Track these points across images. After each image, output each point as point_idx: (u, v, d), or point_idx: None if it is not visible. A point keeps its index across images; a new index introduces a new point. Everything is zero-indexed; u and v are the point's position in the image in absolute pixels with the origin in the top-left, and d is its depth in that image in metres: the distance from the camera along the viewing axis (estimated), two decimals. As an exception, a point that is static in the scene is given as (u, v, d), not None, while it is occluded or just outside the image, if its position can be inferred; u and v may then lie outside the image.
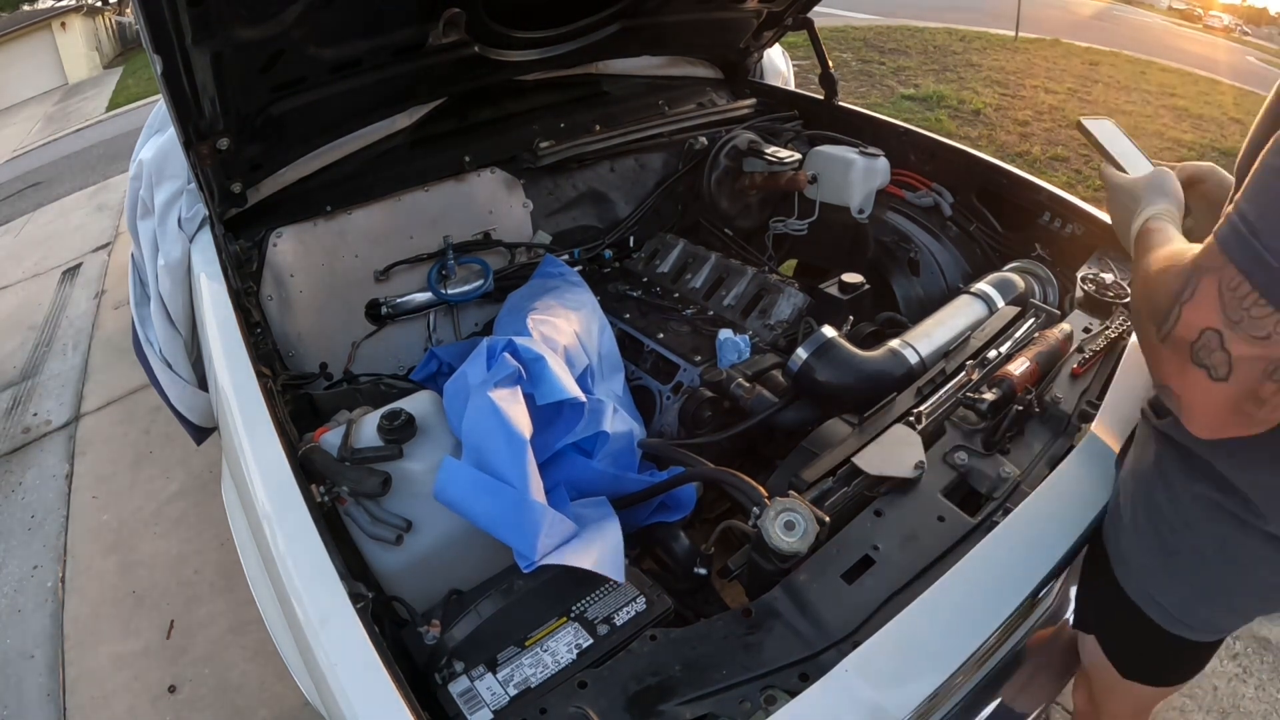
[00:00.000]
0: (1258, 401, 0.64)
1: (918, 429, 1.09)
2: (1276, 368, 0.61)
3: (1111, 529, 0.95)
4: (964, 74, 7.32)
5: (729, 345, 1.50)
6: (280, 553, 0.88)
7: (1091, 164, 5.07)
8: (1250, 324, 0.61)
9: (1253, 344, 0.61)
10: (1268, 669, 1.79)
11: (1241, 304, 0.61)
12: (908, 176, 2.00)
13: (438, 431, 1.19)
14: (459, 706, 0.82)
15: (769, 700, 0.78)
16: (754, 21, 2.13)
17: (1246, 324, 0.61)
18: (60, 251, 4.95)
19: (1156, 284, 0.72)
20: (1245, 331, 0.61)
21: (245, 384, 1.14)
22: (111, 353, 3.46)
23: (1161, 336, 0.69)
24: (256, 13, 1.22)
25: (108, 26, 22.74)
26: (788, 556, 0.92)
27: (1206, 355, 0.65)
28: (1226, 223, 0.62)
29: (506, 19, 1.65)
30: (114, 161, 7.09)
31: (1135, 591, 0.92)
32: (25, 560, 2.36)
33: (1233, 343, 0.62)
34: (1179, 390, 0.70)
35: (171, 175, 1.65)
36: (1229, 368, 0.63)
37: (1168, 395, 0.73)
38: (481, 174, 1.88)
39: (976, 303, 1.43)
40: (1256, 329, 0.61)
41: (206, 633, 2.01)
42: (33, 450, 2.92)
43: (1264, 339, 0.60)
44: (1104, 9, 19.88)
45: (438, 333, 1.82)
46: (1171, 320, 0.68)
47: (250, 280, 1.55)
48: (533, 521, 0.96)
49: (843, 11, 10.12)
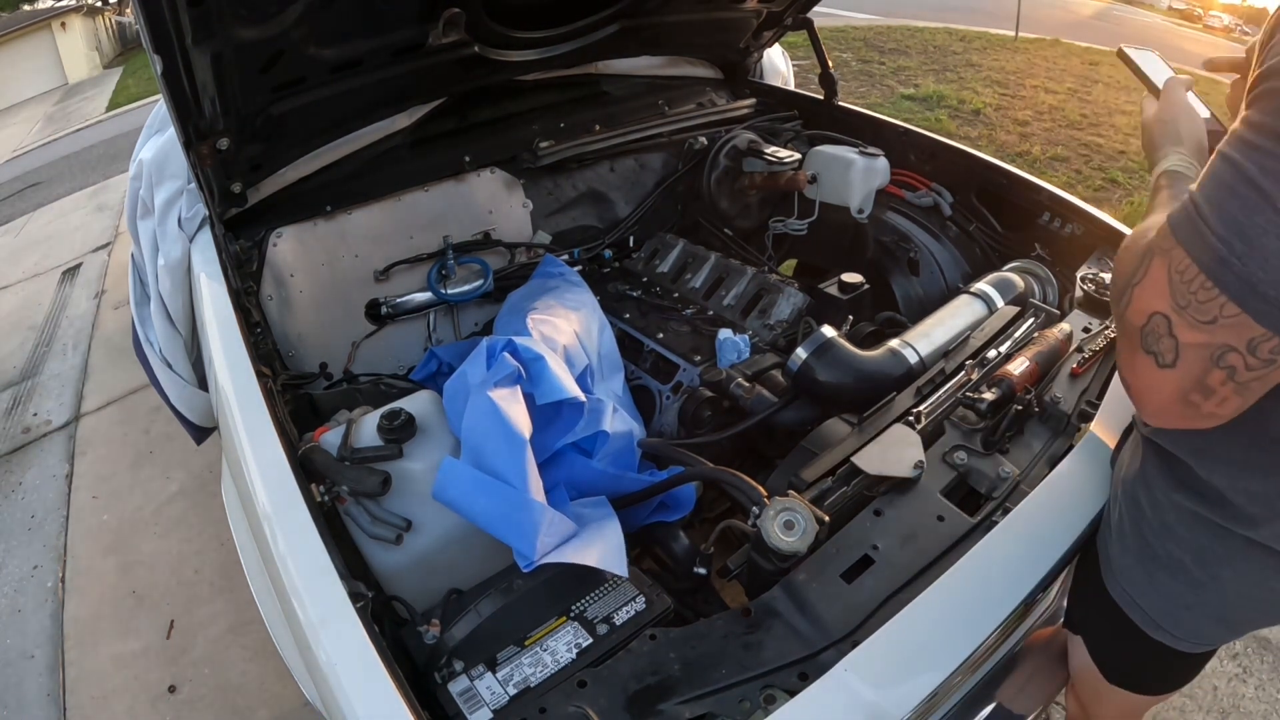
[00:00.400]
0: (1205, 391, 0.63)
1: (917, 429, 1.09)
2: (1222, 355, 0.60)
3: (1103, 529, 0.95)
4: (964, 74, 7.32)
5: (729, 345, 1.50)
6: (280, 552, 0.88)
7: (1092, 164, 5.07)
8: (1196, 308, 0.60)
9: (1198, 329, 0.60)
10: (1268, 669, 1.79)
11: (1189, 287, 0.60)
12: (908, 176, 2.00)
13: (438, 431, 1.19)
14: (459, 706, 0.82)
15: (768, 700, 0.78)
16: (754, 21, 2.13)
17: (1193, 308, 0.60)
18: (60, 251, 4.95)
19: (1121, 264, 0.70)
20: (1192, 316, 0.60)
21: (245, 384, 1.14)
22: (111, 353, 3.46)
23: (1117, 319, 0.68)
24: (256, 13, 1.22)
25: (108, 26, 22.76)
26: (787, 556, 0.92)
27: (1154, 341, 0.64)
28: (1180, 205, 0.61)
29: (506, 19, 1.65)
30: (114, 161, 7.10)
31: (1118, 593, 0.92)
32: (25, 560, 2.36)
33: (1179, 328, 0.61)
34: (1128, 377, 0.69)
35: (171, 175, 1.65)
36: (1175, 354, 0.62)
37: (1122, 382, 0.72)
38: (481, 174, 1.88)
39: (976, 302, 1.44)
40: (1202, 313, 0.59)
41: (206, 633, 2.01)
42: (33, 450, 2.92)
43: (1209, 324, 0.59)
44: (1104, 9, 19.88)
45: (438, 333, 1.82)
46: (1124, 303, 0.67)
47: (250, 280, 1.55)
48: (532, 521, 0.96)
49: (843, 11, 10.13)
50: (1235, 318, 0.58)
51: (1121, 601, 0.91)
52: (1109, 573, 0.93)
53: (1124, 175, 4.89)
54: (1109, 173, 4.92)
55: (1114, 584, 0.92)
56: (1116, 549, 0.91)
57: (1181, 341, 0.61)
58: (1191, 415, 0.65)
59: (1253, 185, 0.55)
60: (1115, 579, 0.92)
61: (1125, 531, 0.89)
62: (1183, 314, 0.61)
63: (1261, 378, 0.60)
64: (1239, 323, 0.58)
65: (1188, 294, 0.60)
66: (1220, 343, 0.60)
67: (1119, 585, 0.92)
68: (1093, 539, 0.96)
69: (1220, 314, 0.58)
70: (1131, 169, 4.99)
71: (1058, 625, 1.18)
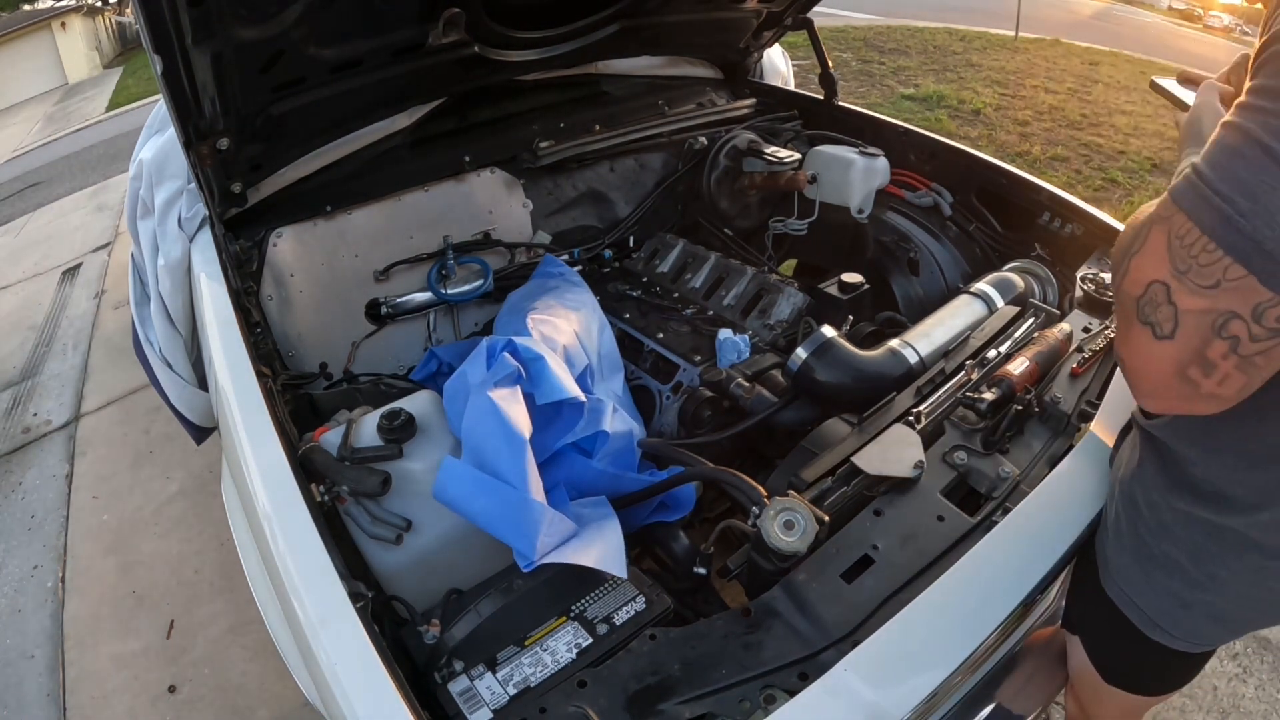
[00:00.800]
0: (1206, 366, 0.60)
1: (917, 429, 1.09)
2: (1225, 323, 0.57)
3: (1100, 528, 0.95)
4: (964, 74, 7.32)
5: (728, 345, 1.50)
6: (280, 552, 0.88)
7: (1092, 164, 5.08)
8: (1198, 272, 0.57)
9: (1200, 294, 0.57)
10: (1268, 669, 1.79)
11: (1189, 250, 0.57)
12: (908, 176, 2.00)
13: (437, 431, 1.19)
14: (459, 706, 0.82)
15: (768, 700, 0.78)
16: (754, 21, 2.13)
17: (1194, 272, 0.57)
18: (60, 251, 4.96)
19: (1118, 243, 0.68)
20: (1192, 281, 0.57)
21: (245, 384, 1.14)
22: (111, 353, 3.46)
23: (1114, 295, 0.66)
24: (256, 13, 1.22)
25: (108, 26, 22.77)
26: (787, 556, 0.92)
27: (1152, 310, 0.61)
28: (1181, 177, 0.60)
29: (506, 19, 1.65)
30: (114, 161, 7.10)
31: (1115, 593, 0.92)
32: (25, 560, 2.36)
33: (1179, 294, 0.58)
34: (1123, 353, 0.67)
35: (171, 175, 1.65)
36: (1174, 323, 0.59)
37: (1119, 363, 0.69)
38: (481, 174, 1.88)
39: (976, 302, 1.44)
40: (1204, 277, 0.57)
41: (206, 633, 2.01)
42: (33, 450, 2.92)
43: (1211, 288, 0.57)
44: (1104, 9, 19.87)
45: (438, 333, 1.82)
46: (1120, 275, 0.64)
47: (250, 280, 1.55)
48: (532, 521, 0.96)
49: (843, 11, 10.12)
50: (1240, 280, 0.55)
51: (1119, 601, 0.91)
52: (1106, 572, 0.93)
53: (1124, 175, 4.89)
54: (1109, 173, 4.93)
55: (1111, 583, 0.92)
56: (1114, 548, 0.91)
57: (1181, 309, 0.59)
58: (1190, 395, 0.62)
59: (1259, 145, 0.53)
60: (1112, 578, 0.92)
61: (1122, 531, 0.89)
62: (1183, 279, 0.58)
63: (1266, 351, 0.57)
64: (1244, 285, 0.55)
65: (1188, 258, 0.57)
66: (1223, 308, 0.57)
67: (1116, 585, 0.91)
68: (1091, 539, 0.96)
69: (1224, 277, 0.56)
70: (1131, 169, 5.00)
71: (1057, 625, 1.18)
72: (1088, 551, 0.97)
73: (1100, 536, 0.94)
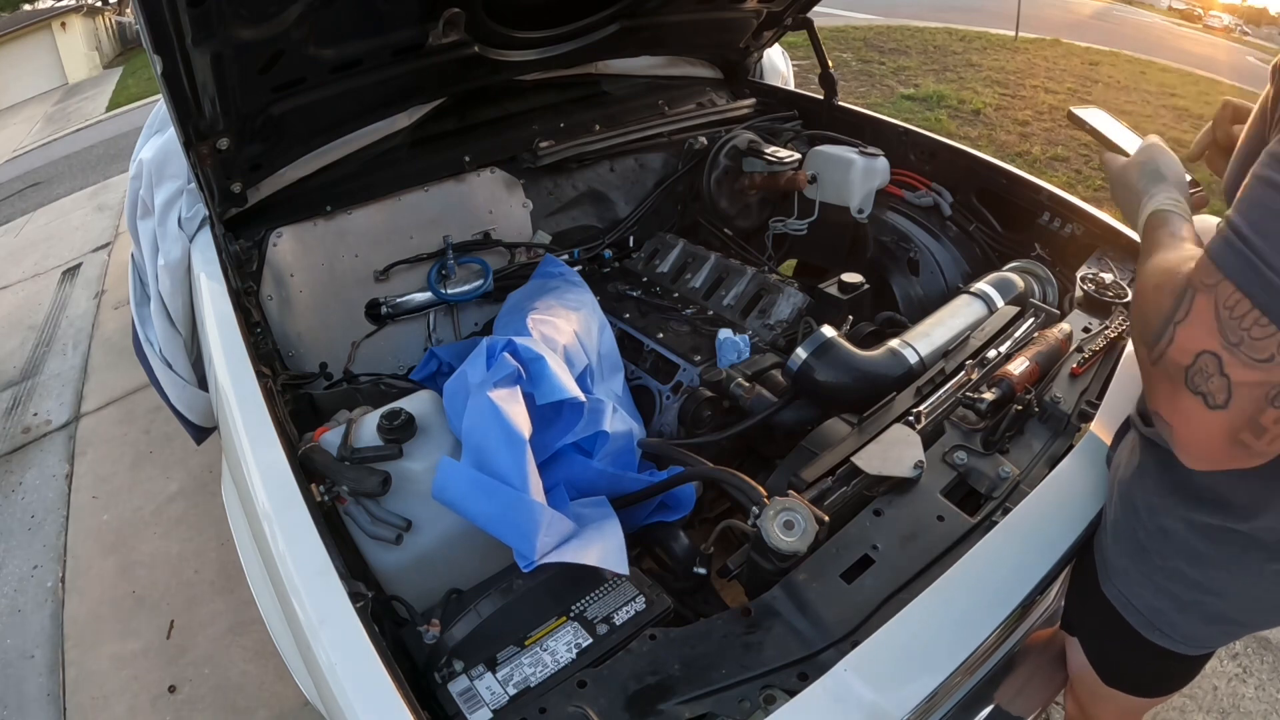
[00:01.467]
0: (1258, 430, 0.60)
1: (917, 429, 1.09)
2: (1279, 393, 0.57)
3: (1100, 529, 0.95)
4: (964, 74, 7.32)
5: (728, 345, 1.50)
6: (280, 552, 0.88)
7: (1092, 164, 5.07)
8: (1250, 346, 0.56)
9: (1253, 368, 0.57)
10: (1268, 669, 1.79)
11: (1240, 324, 0.57)
12: (908, 176, 2.00)
13: (437, 431, 1.19)
14: (458, 706, 0.82)
15: (768, 700, 0.78)
16: (754, 21, 2.13)
17: (1246, 345, 0.57)
18: (60, 251, 4.95)
19: (1149, 303, 0.67)
20: (1245, 354, 0.57)
21: (245, 384, 1.14)
22: (111, 353, 3.46)
23: (1154, 359, 0.65)
24: (256, 13, 1.22)
25: (108, 26, 22.77)
26: (787, 556, 0.92)
27: (1203, 381, 0.60)
28: (1220, 237, 0.59)
29: (506, 19, 1.65)
30: (114, 161, 7.10)
31: (1114, 594, 0.92)
32: (25, 560, 2.36)
33: (1232, 367, 0.58)
34: (1171, 418, 0.65)
35: (171, 175, 1.65)
36: (1228, 394, 0.59)
37: (1160, 423, 0.68)
38: (481, 174, 1.88)
39: (976, 302, 1.43)
40: (1257, 351, 0.56)
41: (206, 633, 2.01)
42: (33, 450, 2.92)
43: (1265, 361, 0.56)
44: (1104, 9, 19.88)
45: (438, 333, 1.82)
46: (1164, 343, 0.63)
47: (250, 280, 1.55)
48: (532, 521, 0.96)
49: (843, 11, 10.13)
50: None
51: (1117, 603, 0.91)
52: (1105, 573, 0.93)
53: (1124, 175, 4.88)
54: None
55: (1109, 585, 0.92)
56: (1112, 550, 0.91)
57: (1235, 381, 0.58)
58: (1240, 455, 0.62)
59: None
60: (1111, 580, 0.92)
61: (1121, 533, 0.89)
62: (1235, 352, 0.58)
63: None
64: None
65: (1239, 330, 0.57)
66: (1278, 380, 0.56)
67: (1114, 586, 0.91)
68: (1090, 540, 0.96)
69: (1278, 352, 0.55)
70: (1131, 169, 4.98)
71: (1056, 626, 1.18)
72: (1087, 552, 0.97)
73: (1099, 538, 0.94)
